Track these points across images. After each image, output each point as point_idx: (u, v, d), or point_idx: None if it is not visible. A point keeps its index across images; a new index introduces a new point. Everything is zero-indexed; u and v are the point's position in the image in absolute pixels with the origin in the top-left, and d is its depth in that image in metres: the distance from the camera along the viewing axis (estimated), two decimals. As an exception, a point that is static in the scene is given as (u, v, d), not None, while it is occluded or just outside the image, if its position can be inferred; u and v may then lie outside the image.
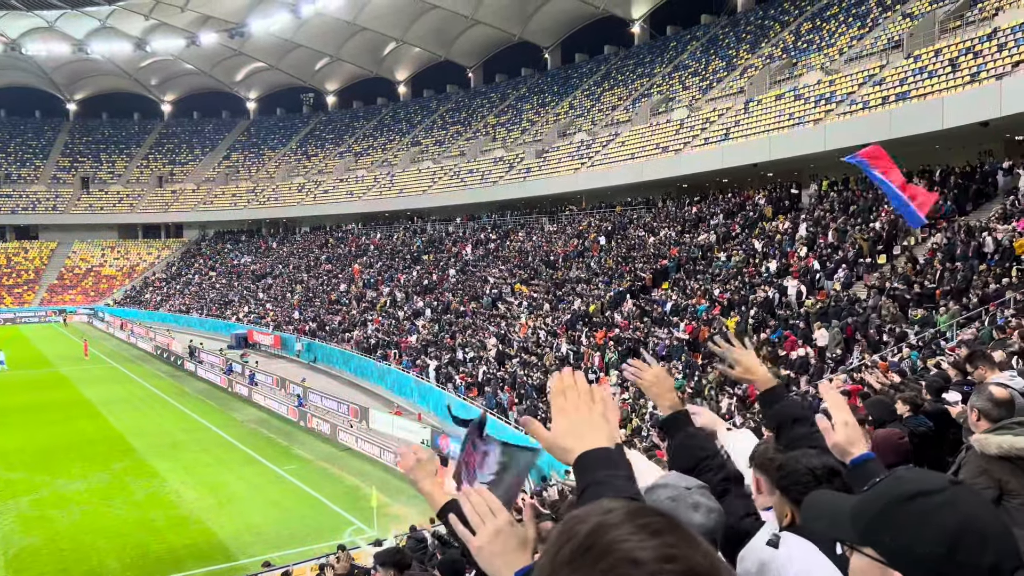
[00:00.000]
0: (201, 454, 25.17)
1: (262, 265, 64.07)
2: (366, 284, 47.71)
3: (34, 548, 17.30)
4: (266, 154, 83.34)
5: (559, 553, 0.88)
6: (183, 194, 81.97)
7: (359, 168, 69.39)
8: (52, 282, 75.37)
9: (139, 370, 42.53)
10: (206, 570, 15.99)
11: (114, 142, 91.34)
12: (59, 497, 20.76)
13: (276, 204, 72.44)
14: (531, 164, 48.57)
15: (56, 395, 34.74)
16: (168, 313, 61.66)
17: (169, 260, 77.62)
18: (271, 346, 45.20)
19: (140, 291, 71.27)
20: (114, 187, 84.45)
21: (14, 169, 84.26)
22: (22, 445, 26.02)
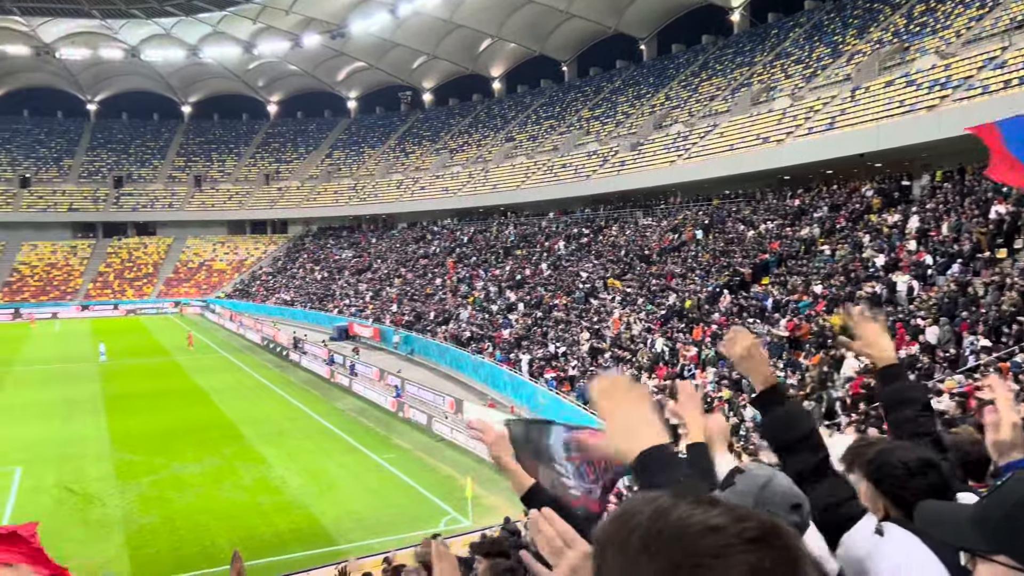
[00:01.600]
0: (305, 441, 26.16)
1: (362, 259, 65.93)
2: (460, 278, 48.41)
3: (152, 526, 18.41)
4: (366, 152, 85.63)
5: (626, 547, 0.87)
6: (288, 191, 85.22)
7: (454, 164, 70.37)
8: (168, 276, 79.84)
9: (248, 360, 44.55)
10: (308, 553, 16.60)
11: (224, 142, 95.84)
12: (176, 479, 22.01)
13: (375, 201, 74.35)
14: (625, 157, 48.06)
15: (172, 383, 36.82)
16: (274, 306, 64.29)
17: (275, 255, 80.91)
18: (370, 338, 46.49)
19: (248, 284, 74.60)
20: (224, 185, 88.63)
21: (134, 169, 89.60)
22: (143, 429, 27.70)
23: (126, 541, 17.34)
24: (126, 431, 27.37)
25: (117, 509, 19.39)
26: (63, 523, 18.41)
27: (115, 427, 28.03)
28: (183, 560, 16.38)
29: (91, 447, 25.41)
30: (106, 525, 18.46)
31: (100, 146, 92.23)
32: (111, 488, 21.20)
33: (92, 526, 18.32)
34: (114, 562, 16.20)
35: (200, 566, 16.04)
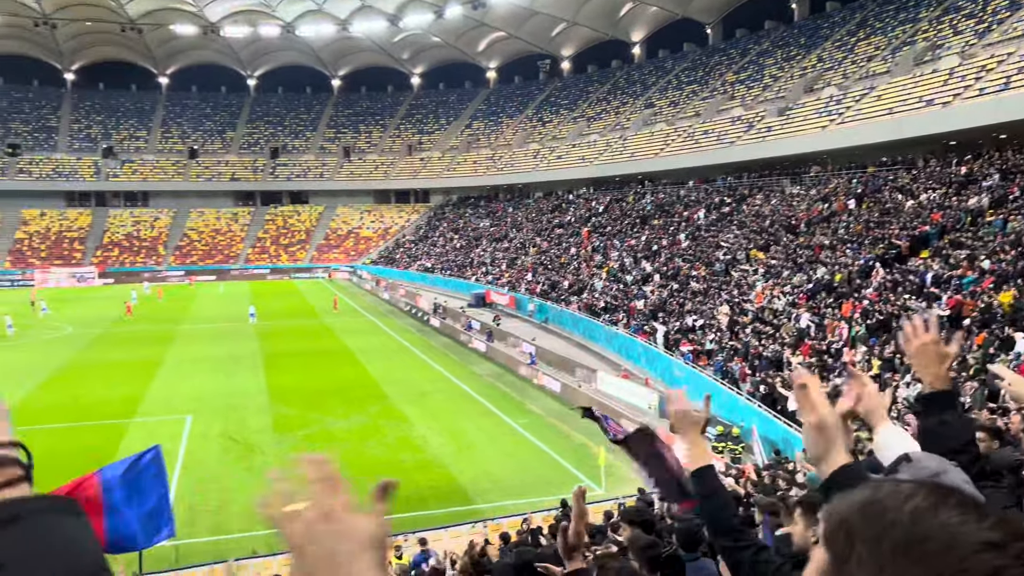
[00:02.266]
0: (444, 403, 27.15)
1: (498, 228, 66.96)
2: (595, 248, 48.22)
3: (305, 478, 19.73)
4: (504, 121, 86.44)
5: (881, 544, 0.84)
6: (430, 162, 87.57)
7: (591, 132, 69.78)
8: (320, 242, 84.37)
9: (391, 324, 46.55)
10: (447, 511, 17.31)
11: (371, 114, 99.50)
12: (326, 434, 23.47)
13: (512, 170, 75.10)
14: (772, 123, 45.96)
15: (323, 343, 39.10)
16: (416, 272, 66.61)
17: (417, 223, 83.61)
18: (506, 306, 47.33)
19: (392, 251, 77.61)
20: (370, 156, 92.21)
21: (289, 140, 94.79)
22: (297, 386, 29.66)
23: (283, 488, 18.71)
24: (282, 387, 29.39)
25: (274, 459, 20.93)
26: (229, 468, 20.13)
27: (273, 383, 30.16)
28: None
29: (252, 400, 27.50)
30: (265, 473, 19.99)
31: (258, 119, 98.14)
32: (269, 439, 22.90)
33: (254, 473, 19.89)
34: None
35: (348, 515, 17.09)
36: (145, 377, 30.93)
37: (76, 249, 78.70)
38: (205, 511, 17.45)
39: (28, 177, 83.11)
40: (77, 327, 44.56)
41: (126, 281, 71.09)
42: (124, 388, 29.02)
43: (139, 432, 23.34)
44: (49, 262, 75.39)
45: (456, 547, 12.38)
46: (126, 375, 31.31)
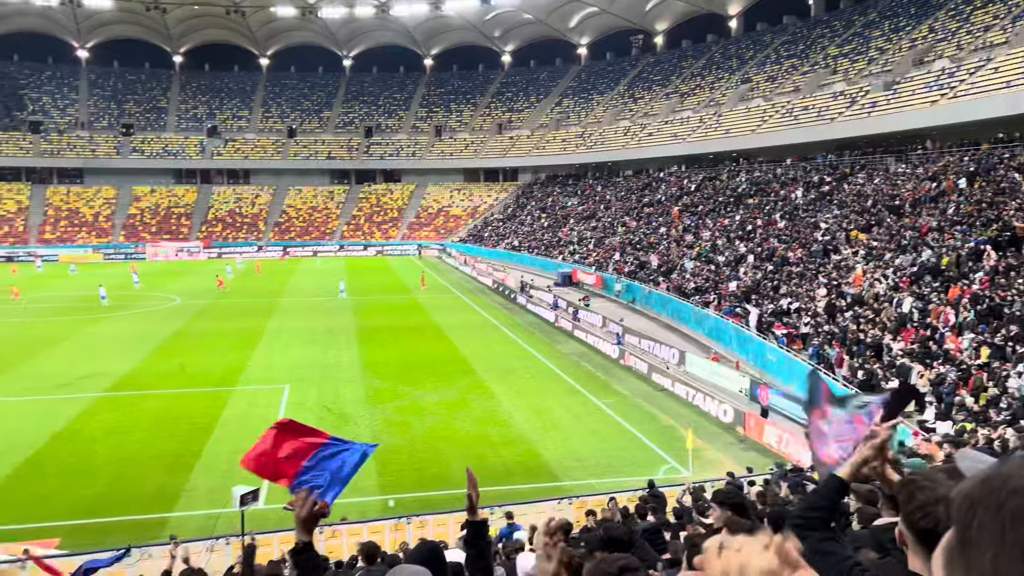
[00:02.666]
0: (530, 381, 27.36)
1: (587, 207, 66.55)
2: (686, 228, 47.34)
3: (396, 447, 20.32)
4: (595, 99, 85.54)
5: (1002, 509, 0.88)
6: (519, 140, 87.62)
7: (684, 109, 68.25)
8: (411, 220, 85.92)
9: (479, 301, 47.10)
10: (532, 486, 17.50)
11: (462, 93, 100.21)
12: (416, 406, 24.05)
13: (601, 148, 74.35)
14: (877, 98, 43.85)
15: (414, 319, 39.95)
16: (503, 251, 67.05)
17: (505, 202, 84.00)
18: (593, 285, 47.13)
19: (481, 230, 78.30)
20: (461, 135, 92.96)
21: (383, 120, 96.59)
22: (388, 359, 30.46)
23: (374, 459, 19.29)
24: (375, 360, 30.24)
25: (367, 429, 21.60)
26: (323, 437, 20.88)
27: (366, 356, 31.07)
28: (423, 480, 17.98)
29: (346, 372, 28.42)
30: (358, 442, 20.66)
31: (353, 98, 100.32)
32: (362, 410, 23.65)
33: (346, 442, 20.58)
34: (363, 477, 18.14)
35: (437, 487, 17.53)
36: (247, 348, 32.37)
37: (183, 224, 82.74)
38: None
39: (140, 156, 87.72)
40: (185, 299, 46.97)
41: (229, 256, 74.41)
42: (227, 358, 30.46)
43: (241, 400, 24.51)
44: (159, 236, 79.58)
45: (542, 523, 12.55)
46: (229, 345, 32.85)
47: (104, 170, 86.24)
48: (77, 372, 27.90)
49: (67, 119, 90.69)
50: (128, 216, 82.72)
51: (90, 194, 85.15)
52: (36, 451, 19.61)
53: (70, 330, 36.41)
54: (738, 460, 18.97)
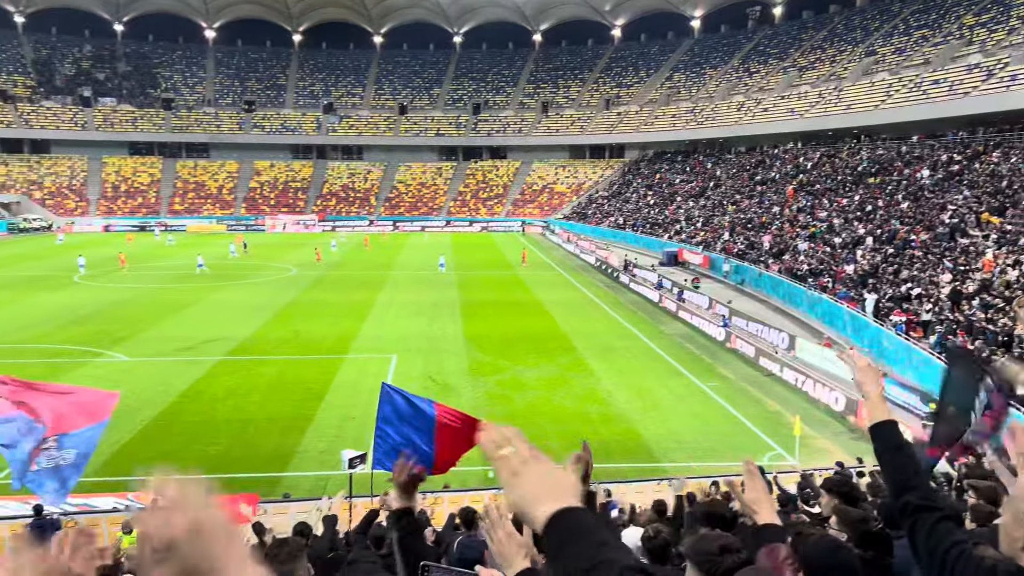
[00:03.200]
0: (631, 360, 27.14)
1: (695, 185, 65.00)
2: (800, 208, 45.51)
3: (497, 420, 20.58)
4: (707, 73, 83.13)
5: None
6: (627, 116, 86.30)
7: (802, 83, 65.38)
8: (516, 196, 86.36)
9: (581, 279, 46.98)
10: (631, 465, 17.43)
11: (570, 68, 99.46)
12: (517, 381, 24.33)
13: (713, 124, 72.29)
14: (1017, 70, 40.65)
15: (516, 295, 40.30)
16: (607, 228, 66.48)
17: (611, 179, 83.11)
18: (699, 265, 46.12)
19: (585, 207, 77.87)
20: (568, 111, 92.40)
21: (490, 96, 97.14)
22: (490, 333, 30.89)
23: (475, 429, 19.72)
24: (478, 334, 30.74)
25: (470, 401, 22.02)
26: (427, 407, 21.45)
27: (469, 330, 31.62)
28: (521, 453, 18.20)
29: (450, 344, 29.02)
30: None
31: (463, 75, 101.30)
32: (465, 382, 24.12)
33: (449, 413, 21.08)
34: (465, 446, 18.55)
35: (535, 461, 17.71)
36: (357, 318, 33.55)
37: (300, 198, 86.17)
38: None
39: (261, 132, 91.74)
40: (301, 269, 49.04)
41: (342, 228, 77.11)
42: (339, 327, 31.66)
43: (350, 368, 25.46)
44: (277, 209, 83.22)
45: (640, 501, 12.47)
46: (341, 315, 34.13)
47: (228, 145, 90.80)
48: (201, 336, 29.67)
49: (195, 96, 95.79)
50: (249, 189, 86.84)
51: (215, 168, 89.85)
52: (163, 409, 21.03)
53: (195, 296, 38.71)
54: (848, 450, 18.26)
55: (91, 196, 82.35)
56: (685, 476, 15.57)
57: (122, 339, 28.89)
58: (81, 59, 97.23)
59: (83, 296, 38.46)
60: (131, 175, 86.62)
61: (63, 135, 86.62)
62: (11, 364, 25.12)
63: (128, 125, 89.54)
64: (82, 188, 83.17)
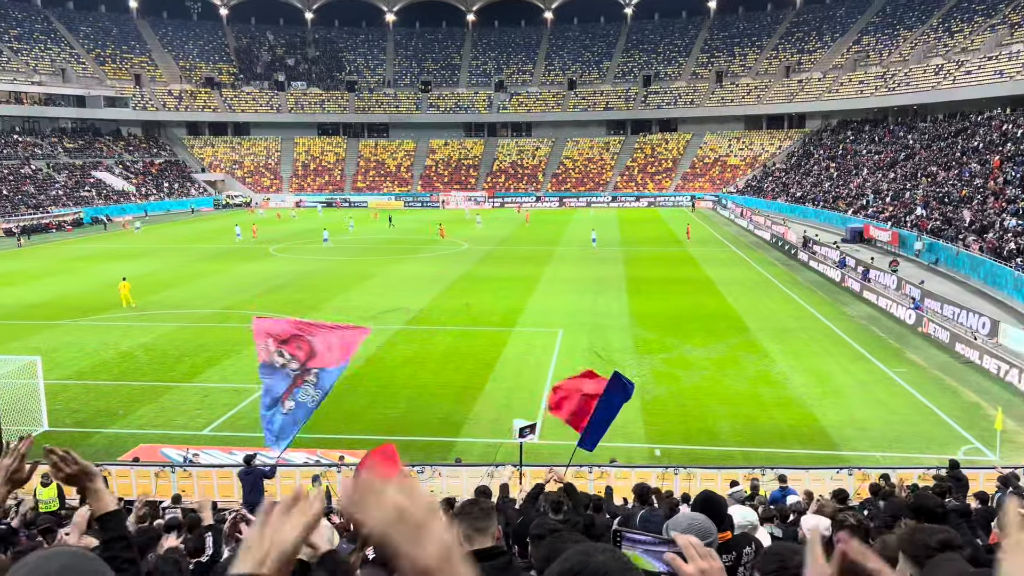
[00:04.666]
0: (809, 343, 25.80)
1: (884, 156, 60.30)
2: (1008, 180, 41.03)
3: (663, 399, 20.39)
4: (901, 35, 76.58)
5: None
6: (808, 83, 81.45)
7: (1014, 42, 58.65)
8: (685, 170, 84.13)
9: (755, 256, 45.12)
10: (808, 452, 16.65)
11: (747, 35, 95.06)
12: (684, 360, 23.86)
13: (906, 89, 66.63)
14: None
15: (685, 272, 39.41)
16: (784, 203, 63.27)
17: (789, 150, 78.88)
18: (888, 243, 42.92)
19: (760, 180, 74.50)
20: (743, 79, 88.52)
21: (661, 68, 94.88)
22: (657, 311, 30.45)
23: (641, 407, 19.57)
24: (643, 311, 30.40)
25: (635, 378, 21.81)
26: (593, 382, 21.55)
27: (634, 306, 31.34)
28: (689, 434, 17.90)
29: (615, 321, 28.93)
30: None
31: (633, 47, 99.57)
32: (630, 359, 23.98)
33: (615, 388, 21.07)
34: (630, 424, 18.48)
35: (703, 442, 17.36)
36: (524, 292, 34.20)
37: (471, 175, 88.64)
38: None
39: (436, 111, 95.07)
40: (472, 244, 50.60)
41: (510, 205, 78.61)
42: (507, 300, 32.44)
43: (518, 341, 26.04)
44: (450, 186, 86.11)
45: (819, 490, 11.88)
46: (509, 289, 34.93)
47: (405, 124, 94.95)
48: (381, 306, 31.43)
49: (376, 78, 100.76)
50: (424, 167, 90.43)
51: (394, 147, 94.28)
52: (348, 374, 22.47)
53: (375, 269, 41.00)
54: (1060, 449, 16.45)
55: (284, 174, 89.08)
56: (869, 466, 14.69)
57: (313, 307, 31.17)
58: (276, 46, 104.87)
59: (281, 266, 41.87)
60: (319, 154, 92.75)
61: (260, 118, 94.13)
62: (219, 327, 27.85)
63: (316, 107, 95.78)
64: (276, 167, 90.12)
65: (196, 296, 33.75)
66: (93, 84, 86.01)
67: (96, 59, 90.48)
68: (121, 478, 14.64)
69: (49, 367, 19.63)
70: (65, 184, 70.75)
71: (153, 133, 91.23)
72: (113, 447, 17.11)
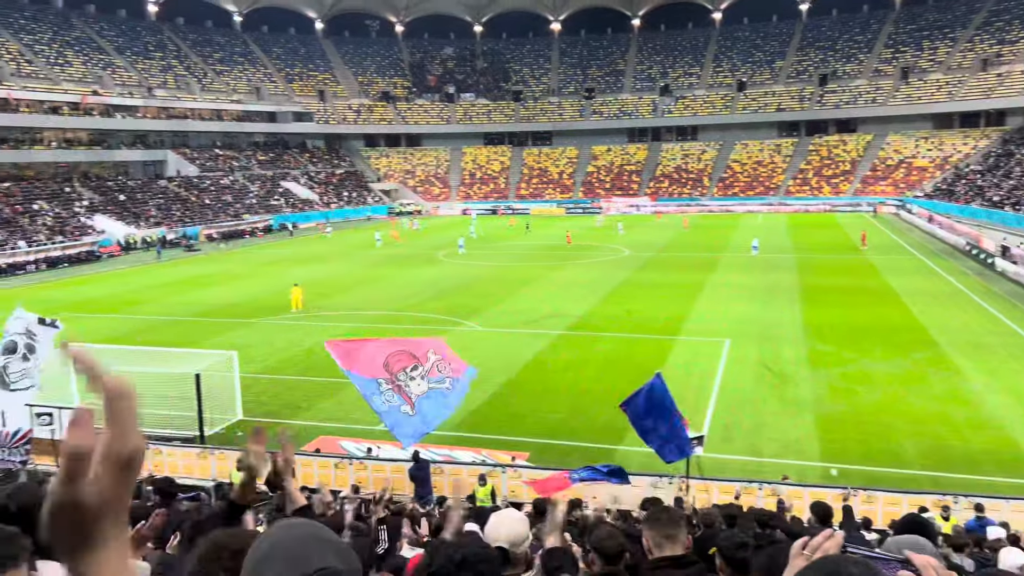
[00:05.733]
0: (1008, 360, 23.42)
1: (1105, 155, 53.69)
2: None
3: (839, 415, 19.21)
4: (1126, 16, 68.00)
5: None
6: (1010, 77, 74.26)
7: None
8: (865, 173, 79.01)
9: (944, 264, 41.59)
10: (1007, 480, 15.11)
11: (937, 27, 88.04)
12: (863, 374, 22.35)
13: None
14: None
15: (864, 281, 36.96)
16: (979, 208, 57.88)
17: (986, 150, 72.08)
18: (1107, 252, 38.14)
19: (951, 183, 68.61)
20: (933, 75, 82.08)
21: (839, 66, 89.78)
22: (833, 322, 28.74)
23: (815, 423, 18.55)
24: (819, 321, 28.81)
25: (808, 392, 20.79)
26: (762, 395, 20.71)
27: (808, 316, 29.76)
28: (869, 454, 16.75)
29: (786, 331, 27.61)
30: (798, 404, 20.03)
31: (808, 45, 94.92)
32: (803, 372, 22.79)
33: (787, 403, 20.11)
34: (803, 441, 17.57)
35: (886, 463, 16.18)
36: (688, 299, 33.42)
37: (633, 181, 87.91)
38: (740, 430, 18.33)
39: (599, 117, 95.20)
40: (634, 250, 50.17)
41: (674, 212, 77.17)
42: (670, 308, 31.83)
43: (682, 349, 25.48)
44: (611, 192, 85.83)
45: (1019, 523, 10.75)
46: (672, 296, 34.27)
47: (569, 132, 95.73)
48: (542, 311, 31.82)
49: (541, 87, 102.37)
50: (586, 173, 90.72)
51: (556, 154, 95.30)
52: (511, 377, 22.98)
53: (536, 274, 41.58)
54: None
55: (452, 183, 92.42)
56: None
57: (477, 311, 32.11)
58: (447, 60, 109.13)
59: (448, 271, 43.49)
60: (485, 163, 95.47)
61: (431, 129, 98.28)
62: (391, 328, 29.32)
63: (483, 117, 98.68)
64: (445, 176, 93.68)
65: (368, 299, 35.72)
66: (283, 101, 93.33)
67: (286, 77, 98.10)
68: (305, 467, 15.75)
69: (243, 361, 21.44)
70: (257, 193, 77.20)
71: (334, 145, 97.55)
72: (298, 438, 18.44)
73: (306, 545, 1.34)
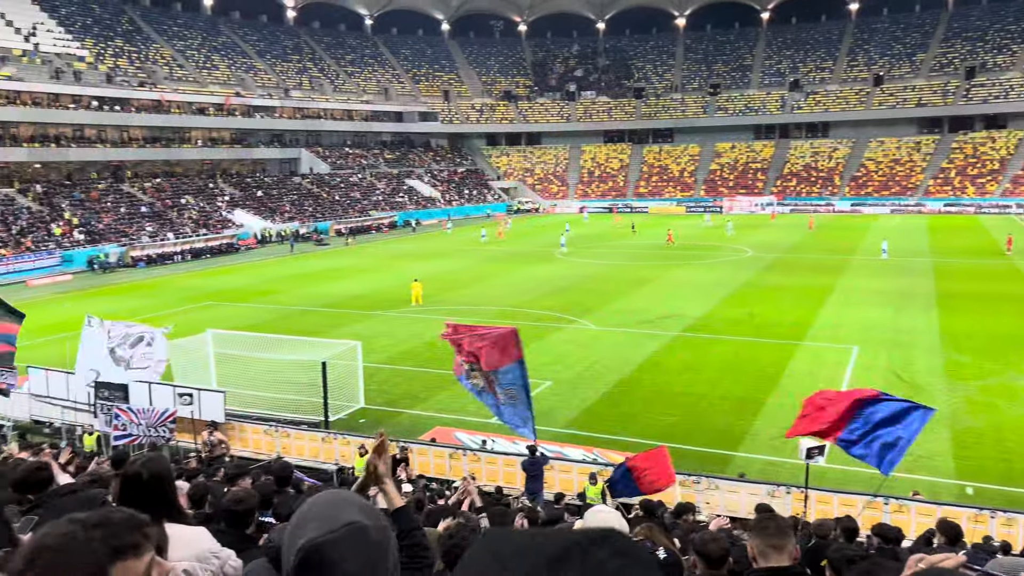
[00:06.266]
0: None
1: None
2: None
3: (978, 431, 17.98)
4: None
5: None
6: None
7: None
8: (1016, 172, 73.29)
9: (1108, 273, 38.05)
10: None
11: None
12: (1007, 389, 20.82)
13: None
14: None
15: (1010, 288, 34.36)
16: None
17: None
18: None
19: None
20: (1099, 65, 74.98)
21: (989, 57, 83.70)
22: (974, 331, 26.88)
23: (952, 439, 17.45)
24: (957, 330, 27.02)
25: (944, 406, 19.54)
26: (891, 405, 19.61)
27: (946, 325, 27.95)
28: (1012, 474, 15.61)
29: (920, 339, 26.05)
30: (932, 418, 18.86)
31: (954, 36, 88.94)
32: (938, 383, 21.46)
33: (918, 415, 18.97)
34: (936, 456, 16.56)
35: (1029, 485, 15.05)
36: (814, 303, 32.08)
37: (758, 179, 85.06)
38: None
39: (724, 113, 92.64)
40: (757, 251, 48.62)
41: (801, 211, 74.18)
42: (795, 312, 30.67)
43: (806, 355, 24.53)
44: (735, 191, 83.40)
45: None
46: (797, 299, 33.01)
47: (691, 129, 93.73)
48: (658, 311, 31.38)
49: (663, 84, 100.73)
50: (709, 171, 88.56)
51: (678, 151, 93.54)
52: (624, 377, 22.83)
53: (654, 274, 41.03)
54: None
55: (571, 181, 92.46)
56: None
57: (591, 309, 32.06)
58: (569, 58, 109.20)
59: (563, 269, 43.62)
60: (604, 161, 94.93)
61: (551, 127, 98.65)
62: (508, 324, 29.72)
63: (603, 115, 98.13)
64: (563, 174, 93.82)
65: (485, 295, 36.31)
66: (409, 101, 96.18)
67: (413, 78, 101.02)
68: (420, 455, 16.28)
69: (366, 352, 22.33)
70: (383, 191, 79.96)
71: (457, 144, 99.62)
72: (415, 427, 19.07)
73: (336, 505, 1.61)
